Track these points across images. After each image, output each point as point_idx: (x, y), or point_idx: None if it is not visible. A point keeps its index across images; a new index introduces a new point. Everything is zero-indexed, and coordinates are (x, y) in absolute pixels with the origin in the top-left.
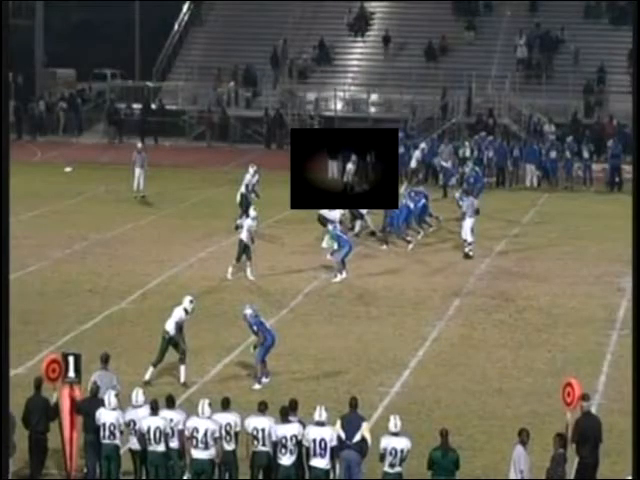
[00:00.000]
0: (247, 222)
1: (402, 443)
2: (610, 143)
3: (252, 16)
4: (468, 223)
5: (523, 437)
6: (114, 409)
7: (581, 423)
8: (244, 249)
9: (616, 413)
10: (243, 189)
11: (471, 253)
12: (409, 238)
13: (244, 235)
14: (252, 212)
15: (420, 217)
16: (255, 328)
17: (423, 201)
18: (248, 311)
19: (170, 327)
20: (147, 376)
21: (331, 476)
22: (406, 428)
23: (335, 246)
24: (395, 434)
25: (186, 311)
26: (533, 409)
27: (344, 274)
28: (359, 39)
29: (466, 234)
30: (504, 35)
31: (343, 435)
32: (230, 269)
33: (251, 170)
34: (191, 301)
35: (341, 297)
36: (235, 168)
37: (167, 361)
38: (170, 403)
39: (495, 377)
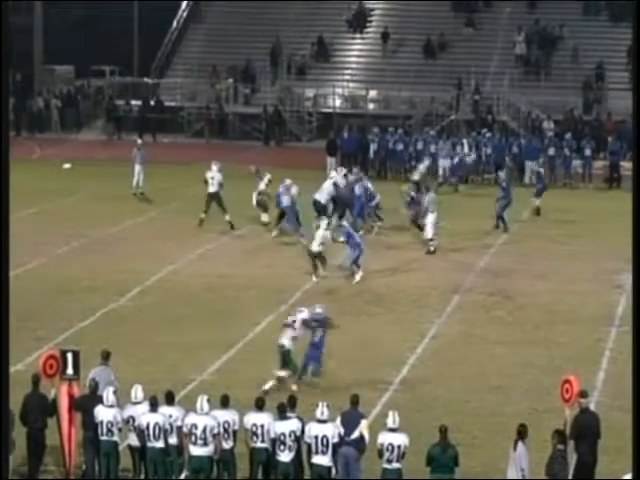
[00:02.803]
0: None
1: (400, 439)
2: (609, 140)
3: (251, 13)
4: (430, 219)
5: (522, 434)
6: (112, 406)
7: (579, 420)
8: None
9: (615, 410)
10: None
11: (432, 249)
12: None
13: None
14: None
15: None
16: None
17: (378, 198)
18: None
19: (286, 341)
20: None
21: (333, 473)
22: (405, 424)
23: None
24: (393, 430)
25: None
26: (532, 406)
27: (360, 272)
28: (358, 36)
29: (428, 231)
30: (503, 32)
31: (342, 431)
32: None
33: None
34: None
35: (340, 294)
36: (233, 164)
37: (166, 357)
38: (169, 399)
39: (494, 374)
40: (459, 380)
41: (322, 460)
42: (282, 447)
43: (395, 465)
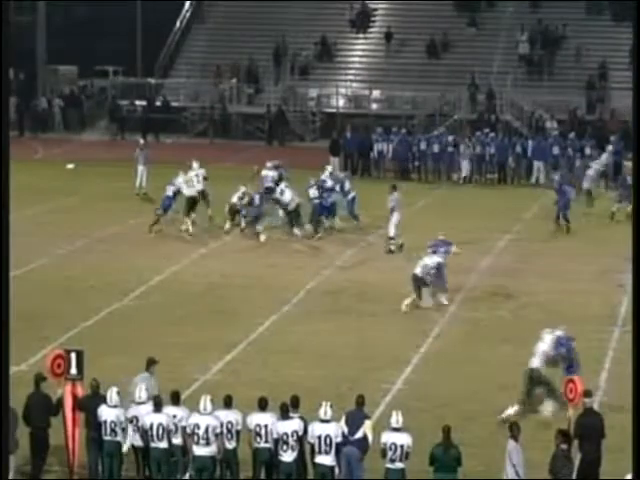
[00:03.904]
0: None
1: (403, 439)
2: (612, 139)
3: (254, 13)
4: (395, 218)
5: (514, 431)
6: (115, 406)
7: (583, 420)
8: None
9: (618, 410)
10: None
11: (392, 248)
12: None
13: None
14: None
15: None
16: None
17: (332, 199)
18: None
19: (537, 363)
20: (508, 413)
21: (336, 472)
22: (408, 424)
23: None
24: (396, 429)
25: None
26: (535, 406)
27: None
28: (361, 35)
29: (392, 230)
30: (506, 31)
31: (346, 431)
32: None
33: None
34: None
35: (343, 294)
36: (237, 164)
37: (170, 357)
38: (175, 400)
39: (497, 374)
40: (463, 380)
41: (325, 460)
42: (285, 447)
43: (398, 465)
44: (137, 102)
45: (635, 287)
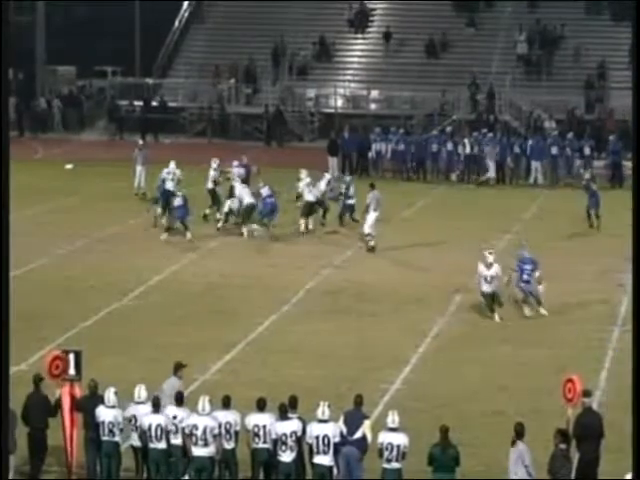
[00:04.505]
0: None
1: (400, 439)
2: (611, 139)
3: (252, 13)
4: (372, 217)
5: (520, 431)
6: (113, 406)
7: (582, 419)
8: None
9: (618, 409)
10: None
11: (372, 243)
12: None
13: None
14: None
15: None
16: None
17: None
18: None
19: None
20: None
21: (334, 472)
22: (407, 424)
23: None
24: (393, 429)
25: None
26: (535, 406)
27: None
28: (359, 35)
29: (368, 227)
30: (504, 31)
31: (345, 431)
32: None
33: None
34: None
35: (342, 293)
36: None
37: (169, 357)
38: (179, 400)
39: (497, 374)
40: (462, 380)
41: (323, 460)
42: (283, 447)
43: (395, 465)
44: (135, 102)
45: (635, 287)
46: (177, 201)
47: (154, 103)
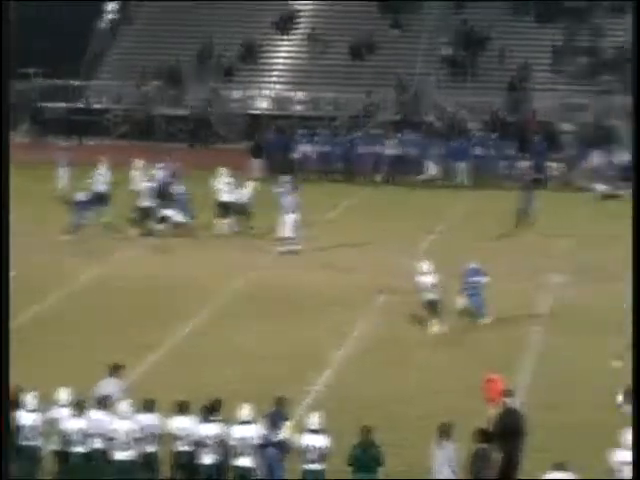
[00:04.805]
0: None
1: (321, 440)
2: (535, 140)
3: (179, 14)
4: (289, 219)
5: (446, 431)
6: (33, 410)
7: (504, 419)
8: None
9: (541, 409)
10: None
11: (293, 247)
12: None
13: None
14: None
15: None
16: None
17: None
18: None
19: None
20: None
21: (256, 474)
22: (330, 426)
23: None
24: (314, 431)
25: None
26: (457, 405)
27: None
28: (285, 37)
29: (288, 230)
30: (430, 33)
31: (266, 433)
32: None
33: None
34: None
35: (266, 295)
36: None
37: (93, 360)
38: (101, 404)
39: (419, 374)
40: (384, 381)
41: (245, 462)
42: (206, 450)
43: (316, 466)
44: (59, 104)
45: (635, 287)
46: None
47: (79, 105)
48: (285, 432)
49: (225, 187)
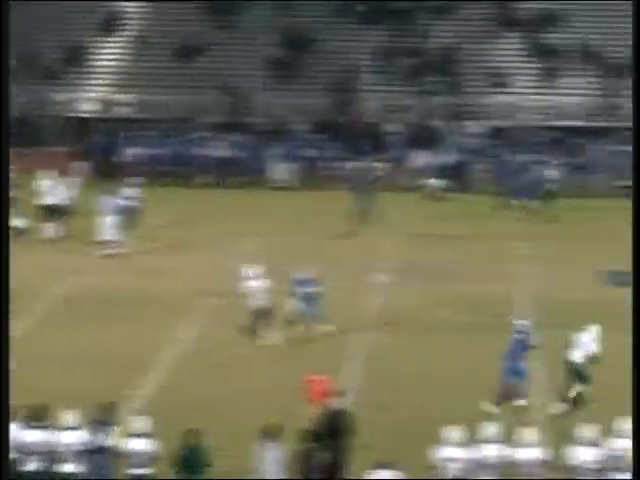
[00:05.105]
0: None
1: (145, 444)
2: (361, 141)
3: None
4: (109, 221)
5: (271, 433)
6: None
7: (329, 419)
8: None
9: (372, 408)
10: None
11: (111, 250)
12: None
13: None
14: None
15: None
16: None
17: None
18: None
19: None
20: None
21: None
22: (155, 430)
23: None
24: (139, 435)
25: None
26: (283, 407)
27: None
28: (110, 39)
29: (107, 233)
30: (256, 34)
31: (92, 439)
32: None
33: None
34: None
35: (88, 299)
36: None
37: None
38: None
39: (243, 376)
40: (213, 385)
41: (70, 468)
42: (31, 457)
43: (141, 471)
44: None
45: (635, 287)
46: None
47: None
48: (111, 437)
49: (48, 190)
